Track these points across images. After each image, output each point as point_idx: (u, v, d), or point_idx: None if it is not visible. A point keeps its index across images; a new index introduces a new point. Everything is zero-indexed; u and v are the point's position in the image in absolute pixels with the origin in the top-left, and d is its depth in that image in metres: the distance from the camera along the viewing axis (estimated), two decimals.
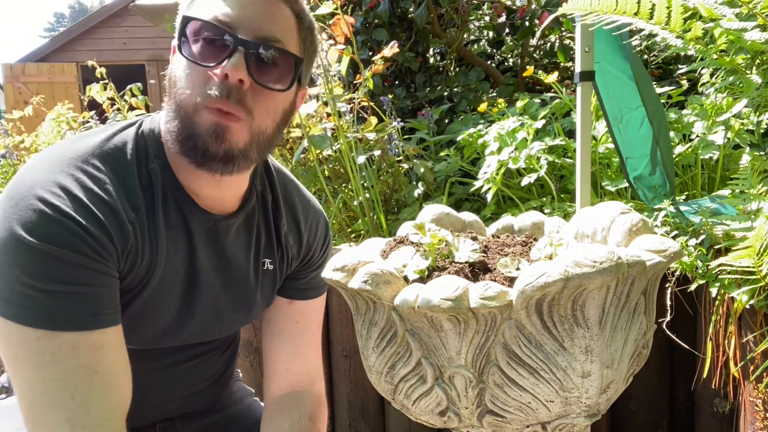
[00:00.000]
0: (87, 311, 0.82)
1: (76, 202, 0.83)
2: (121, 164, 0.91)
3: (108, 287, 0.85)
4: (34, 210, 0.80)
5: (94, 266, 0.83)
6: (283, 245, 1.11)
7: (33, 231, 0.79)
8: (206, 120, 0.87)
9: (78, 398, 0.80)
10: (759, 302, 1.33)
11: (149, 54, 10.48)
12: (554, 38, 4.08)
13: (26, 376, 0.81)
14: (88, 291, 0.82)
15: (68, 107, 3.59)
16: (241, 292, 1.07)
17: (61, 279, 0.80)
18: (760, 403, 1.38)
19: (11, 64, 10.01)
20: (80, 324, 0.81)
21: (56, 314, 0.80)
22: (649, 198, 1.87)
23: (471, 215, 1.41)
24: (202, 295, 1.01)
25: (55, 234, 0.80)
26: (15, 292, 0.79)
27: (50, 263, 0.79)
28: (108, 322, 0.84)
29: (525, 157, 2.17)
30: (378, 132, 2.48)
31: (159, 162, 0.94)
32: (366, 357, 1.16)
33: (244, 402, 1.28)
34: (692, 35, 1.40)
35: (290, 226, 1.12)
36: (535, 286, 0.91)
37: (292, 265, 1.14)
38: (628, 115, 1.87)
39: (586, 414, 1.02)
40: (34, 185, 0.83)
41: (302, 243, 1.14)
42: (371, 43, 3.71)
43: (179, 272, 0.98)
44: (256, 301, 1.10)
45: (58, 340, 0.80)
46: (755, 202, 1.42)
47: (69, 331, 0.80)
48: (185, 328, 1.02)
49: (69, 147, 0.90)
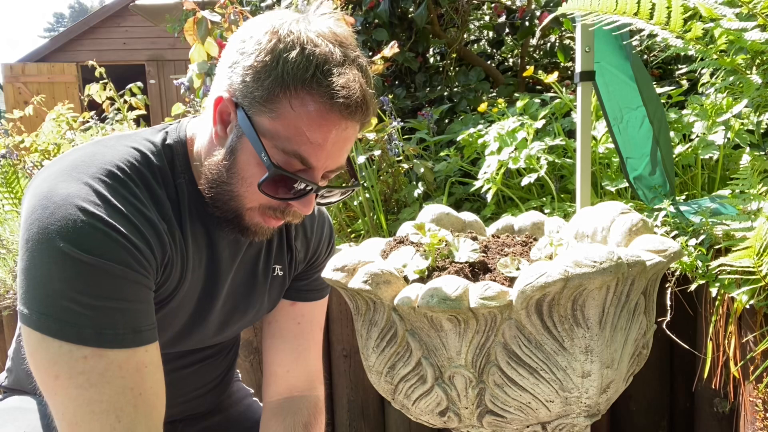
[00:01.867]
0: (131, 328, 0.79)
1: (117, 212, 0.80)
2: (151, 175, 0.89)
3: (148, 302, 0.83)
4: (75, 220, 0.77)
5: (137, 279, 0.80)
6: (292, 250, 1.11)
7: (76, 242, 0.76)
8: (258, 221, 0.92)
9: (124, 421, 0.77)
10: (759, 302, 1.33)
11: (149, 54, 10.48)
12: (554, 38, 4.08)
13: (70, 397, 0.77)
14: (132, 306, 0.80)
15: (68, 107, 3.59)
16: (251, 298, 1.07)
17: (107, 293, 0.77)
18: (760, 403, 1.38)
19: (11, 64, 10.00)
20: (126, 341, 0.78)
21: (103, 331, 0.76)
22: (649, 198, 1.87)
23: (471, 215, 1.41)
24: (217, 304, 1.01)
25: (100, 245, 0.77)
26: (57, 306, 0.75)
27: (96, 276, 0.76)
28: (150, 339, 0.82)
29: (525, 157, 2.17)
30: (378, 132, 2.48)
31: (185, 177, 0.93)
32: (366, 357, 1.16)
33: (244, 403, 1.28)
34: (692, 35, 1.40)
35: (298, 230, 1.12)
36: (535, 286, 0.91)
37: (299, 268, 1.14)
38: (629, 115, 1.87)
39: (586, 414, 1.02)
40: (70, 194, 0.79)
41: (309, 246, 1.14)
42: (371, 43, 3.71)
43: (199, 283, 0.97)
44: (263, 306, 1.10)
45: (106, 359, 0.77)
46: (755, 202, 1.41)
47: (116, 348, 0.77)
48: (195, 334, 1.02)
49: (97, 153, 0.87)
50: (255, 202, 0.89)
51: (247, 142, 0.85)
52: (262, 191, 0.85)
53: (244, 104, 0.85)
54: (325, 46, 0.83)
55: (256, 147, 0.84)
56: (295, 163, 0.85)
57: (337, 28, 0.87)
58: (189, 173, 0.94)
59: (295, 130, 0.83)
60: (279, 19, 0.85)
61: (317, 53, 0.82)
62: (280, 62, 0.82)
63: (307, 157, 0.85)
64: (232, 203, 0.89)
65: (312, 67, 0.81)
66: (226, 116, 0.88)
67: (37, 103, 3.83)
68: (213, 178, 0.89)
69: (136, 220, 0.82)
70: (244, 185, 0.88)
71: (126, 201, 0.83)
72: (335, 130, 0.84)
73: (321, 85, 0.81)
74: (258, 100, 0.84)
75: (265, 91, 0.83)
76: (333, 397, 2.02)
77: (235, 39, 0.88)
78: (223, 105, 0.87)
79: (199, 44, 2.38)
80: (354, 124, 0.86)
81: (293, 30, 0.83)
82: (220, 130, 0.89)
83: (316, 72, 0.81)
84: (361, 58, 0.88)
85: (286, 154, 0.84)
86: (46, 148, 3.46)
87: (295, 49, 0.82)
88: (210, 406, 1.19)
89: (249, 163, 0.86)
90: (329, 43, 0.84)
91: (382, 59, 2.42)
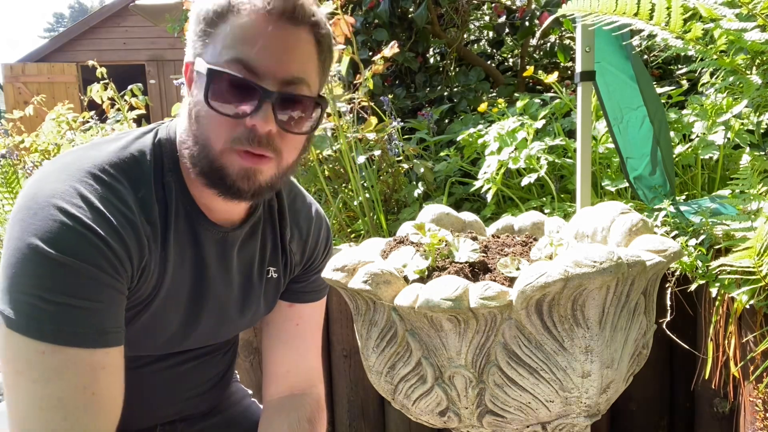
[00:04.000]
0: (94, 328, 0.79)
1: (98, 214, 0.81)
2: (139, 176, 0.90)
3: (118, 305, 0.83)
4: (54, 220, 0.78)
5: (108, 282, 0.81)
6: (287, 253, 1.11)
7: (50, 241, 0.77)
8: (235, 163, 0.88)
9: (70, 420, 0.77)
10: (759, 302, 1.33)
11: (149, 54, 10.49)
12: (554, 38, 4.08)
13: (25, 391, 0.77)
14: (99, 307, 0.80)
15: (68, 107, 3.59)
16: (246, 300, 1.07)
17: (73, 292, 0.77)
18: (760, 403, 1.38)
19: (11, 64, 10.01)
20: (87, 341, 0.78)
21: (63, 328, 0.77)
22: (649, 198, 1.87)
23: (471, 215, 1.41)
24: (208, 305, 1.01)
25: (74, 245, 0.78)
26: (23, 302, 0.76)
27: (64, 275, 0.77)
28: (113, 342, 0.82)
29: (525, 157, 2.17)
30: (378, 132, 2.48)
31: (173, 175, 0.94)
32: (366, 357, 1.16)
33: (243, 403, 1.28)
34: (692, 36, 1.40)
35: (294, 233, 1.11)
36: (535, 286, 0.91)
37: (295, 270, 1.14)
38: (629, 115, 1.87)
39: (586, 414, 1.02)
40: (53, 195, 0.80)
41: (305, 249, 1.13)
42: (371, 43, 3.71)
43: (186, 283, 0.97)
44: (260, 308, 1.10)
45: (62, 355, 0.77)
46: (755, 202, 1.42)
47: (75, 346, 0.77)
48: (190, 335, 1.02)
49: (86, 156, 0.88)
50: (220, 138, 0.87)
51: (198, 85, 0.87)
52: (209, 105, 0.84)
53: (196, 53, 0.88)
54: None
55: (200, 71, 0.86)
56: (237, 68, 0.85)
57: None
58: (177, 170, 0.94)
59: (231, 37, 0.85)
60: None
61: None
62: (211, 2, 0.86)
63: (246, 59, 0.84)
64: (205, 153, 0.88)
65: None
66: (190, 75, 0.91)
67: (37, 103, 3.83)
68: (184, 139, 0.90)
69: (117, 222, 0.83)
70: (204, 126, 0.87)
71: (109, 203, 0.83)
72: (271, 30, 0.84)
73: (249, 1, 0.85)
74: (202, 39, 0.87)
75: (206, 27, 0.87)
76: (333, 397, 2.02)
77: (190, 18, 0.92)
78: (188, 69, 0.90)
79: None
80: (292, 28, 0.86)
81: None
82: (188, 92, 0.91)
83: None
84: None
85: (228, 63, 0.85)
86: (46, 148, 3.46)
87: None
88: (209, 405, 1.19)
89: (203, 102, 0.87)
90: None
91: (382, 59, 2.42)
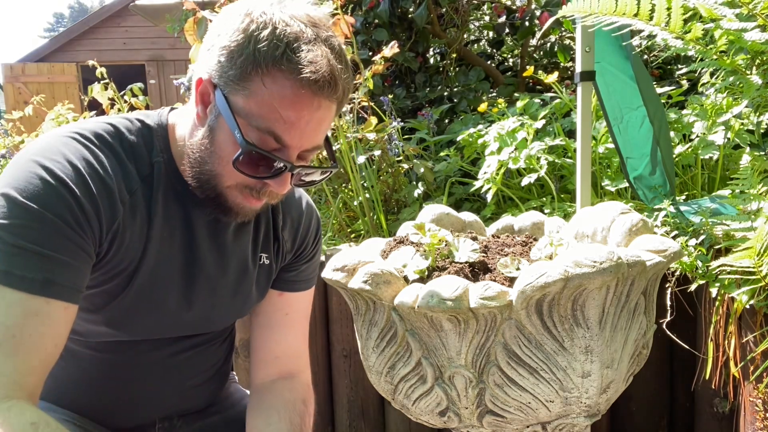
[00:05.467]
0: (42, 276, 0.81)
1: (74, 170, 0.86)
2: (124, 148, 0.94)
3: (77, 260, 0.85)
4: (30, 172, 0.83)
5: (69, 235, 0.83)
6: (279, 240, 1.13)
7: (21, 188, 0.82)
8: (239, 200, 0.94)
9: None
10: (759, 302, 1.34)
11: (149, 54, 10.49)
12: (554, 38, 4.08)
13: None
14: (53, 257, 0.82)
15: (68, 107, 3.59)
16: (239, 284, 1.09)
17: (32, 238, 0.81)
18: (760, 403, 1.38)
19: (11, 64, 10.01)
20: (31, 287, 0.81)
21: (12, 270, 0.80)
22: (649, 198, 1.87)
23: (471, 215, 1.41)
24: (200, 285, 1.03)
25: (42, 194, 0.82)
26: None
27: (26, 220, 0.81)
28: (58, 295, 0.83)
29: (525, 157, 2.17)
30: (378, 132, 2.48)
31: (164, 156, 0.97)
32: (366, 357, 1.16)
33: (242, 404, 1.28)
34: (692, 36, 1.40)
35: (286, 221, 1.14)
36: (535, 286, 0.91)
37: (287, 258, 1.16)
38: (629, 114, 1.88)
39: (586, 414, 1.02)
40: (37, 153, 0.86)
41: (297, 237, 1.16)
42: (371, 43, 3.71)
43: (177, 261, 0.99)
44: (252, 294, 1.12)
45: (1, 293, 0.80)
46: (755, 202, 1.42)
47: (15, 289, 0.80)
48: (183, 317, 1.04)
49: (77, 125, 0.94)
50: (232, 180, 0.92)
51: (223, 122, 0.89)
52: (237, 169, 0.88)
53: (220, 84, 0.88)
54: (296, 26, 0.86)
55: (230, 125, 0.87)
56: (270, 141, 0.88)
57: (311, 11, 0.90)
58: (168, 153, 0.98)
59: (268, 107, 0.86)
60: (254, 2, 0.89)
61: (288, 32, 0.85)
62: (252, 41, 0.85)
63: (280, 135, 0.88)
64: (212, 182, 0.93)
65: (282, 44, 0.84)
66: (206, 97, 0.91)
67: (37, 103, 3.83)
68: (194, 158, 0.93)
69: (91, 180, 0.86)
70: (221, 164, 0.91)
71: (87, 163, 0.87)
72: (307, 108, 0.87)
73: (290, 62, 0.84)
74: (232, 80, 0.87)
75: (238, 70, 0.86)
76: (333, 397, 2.02)
77: (214, 23, 0.92)
78: (203, 86, 0.91)
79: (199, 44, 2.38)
80: (327, 102, 0.88)
81: (267, 11, 0.86)
82: (201, 111, 0.92)
83: (286, 50, 0.84)
84: (335, 38, 0.90)
85: (260, 131, 0.87)
86: None
87: (267, 29, 0.85)
88: (207, 401, 1.19)
89: (226, 142, 0.89)
90: (301, 24, 0.86)
91: (382, 59, 2.42)
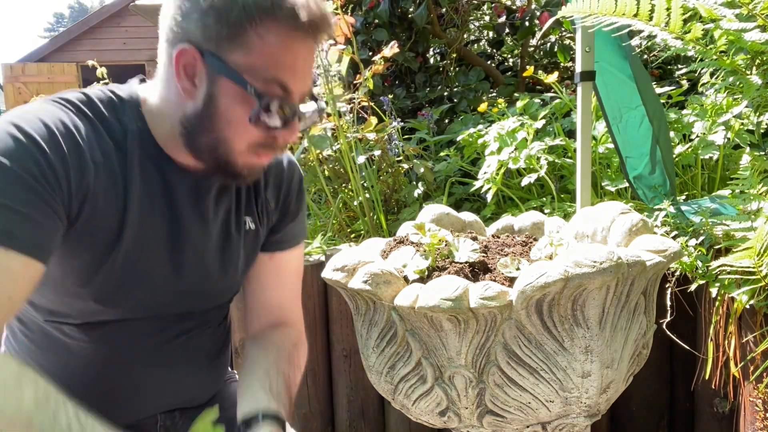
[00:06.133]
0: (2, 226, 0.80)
1: (46, 129, 0.86)
2: (97, 115, 0.94)
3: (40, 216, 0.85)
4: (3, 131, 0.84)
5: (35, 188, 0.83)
6: (262, 201, 1.13)
7: None
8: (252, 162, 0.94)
9: None
10: (759, 302, 1.34)
11: (149, 54, 10.44)
12: (554, 38, 4.08)
13: None
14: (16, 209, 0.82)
15: None
16: (225, 250, 1.08)
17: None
18: (760, 403, 1.38)
19: (11, 64, 10.01)
20: None
21: None
22: (649, 198, 1.87)
23: (471, 215, 1.41)
24: (187, 253, 1.03)
25: (10, 148, 0.82)
26: None
27: None
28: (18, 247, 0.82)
29: (525, 157, 2.18)
30: (378, 132, 2.48)
31: (138, 124, 0.97)
32: (366, 357, 1.16)
33: None
34: (692, 36, 1.41)
35: (268, 180, 1.13)
36: (535, 286, 0.91)
37: (272, 219, 1.15)
38: (628, 114, 1.88)
39: (586, 414, 1.02)
40: (13, 116, 0.87)
41: (279, 195, 1.16)
42: (371, 43, 3.71)
43: (160, 229, 0.99)
44: (240, 260, 1.11)
45: None
46: (755, 202, 1.42)
47: None
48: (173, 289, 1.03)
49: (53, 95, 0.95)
50: (244, 142, 0.91)
51: (224, 85, 0.88)
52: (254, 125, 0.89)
53: (210, 48, 0.87)
54: None
55: (239, 82, 0.87)
56: (276, 89, 0.88)
57: None
58: (142, 122, 0.97)
59: (269, 57, 0.86)
60: None
61: None
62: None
63: (285, 82, 0.88)
64: (220, 150, 0.92)
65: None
66: (190, 68, 0.90)
67: None
68: (193, 131, 0.92)
69: (62, 138, 0.87)
70: (230, 128, 0.90)
71: (60, 123, 0.88)
72: (303, 50, 0.88)
73: (281, 9, 0.85)
74: (225, 39, 0.86)
75: (231, 27, 0.85)
76: (333, 397, 2.02)
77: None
78: (185, 57, 0.89)
79: None
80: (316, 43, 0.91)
81: None
82: (187, 85, 0.90)
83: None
84: None
85: (266, 82, 0.87)
86: None
87: None
88: (206, 393, 1.19)
89: (233, 103, 0.89)
90: None
91: (382, 59, 2.42)
